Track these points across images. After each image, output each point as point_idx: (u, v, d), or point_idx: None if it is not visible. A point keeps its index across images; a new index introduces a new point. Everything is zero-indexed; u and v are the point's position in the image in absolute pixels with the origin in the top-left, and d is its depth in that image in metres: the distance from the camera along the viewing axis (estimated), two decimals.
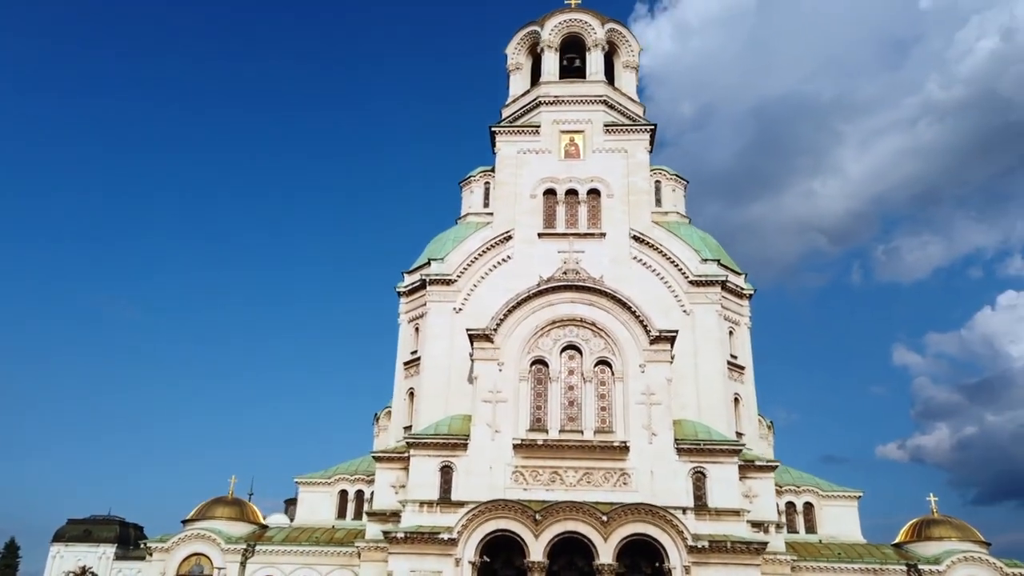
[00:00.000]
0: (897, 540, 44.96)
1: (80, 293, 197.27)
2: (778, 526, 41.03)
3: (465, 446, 41.19)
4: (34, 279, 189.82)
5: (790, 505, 47.86)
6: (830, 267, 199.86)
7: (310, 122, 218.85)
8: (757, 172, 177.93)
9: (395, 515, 42.89)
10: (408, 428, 47.66)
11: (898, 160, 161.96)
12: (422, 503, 40.10)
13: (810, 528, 47.44)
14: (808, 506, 48.03)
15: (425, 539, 38.51)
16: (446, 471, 41.13)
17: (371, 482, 51.68)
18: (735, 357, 47.20)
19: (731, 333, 47.74)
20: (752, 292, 49.93)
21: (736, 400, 46.30)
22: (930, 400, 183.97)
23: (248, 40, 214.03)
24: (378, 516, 43.55)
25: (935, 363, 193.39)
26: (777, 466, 42.60)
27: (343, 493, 51.88)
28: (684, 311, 46.58)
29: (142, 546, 44.96)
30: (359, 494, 51.82)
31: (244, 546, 44.45)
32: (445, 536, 38.26)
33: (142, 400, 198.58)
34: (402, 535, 38.73)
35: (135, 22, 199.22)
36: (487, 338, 43.12)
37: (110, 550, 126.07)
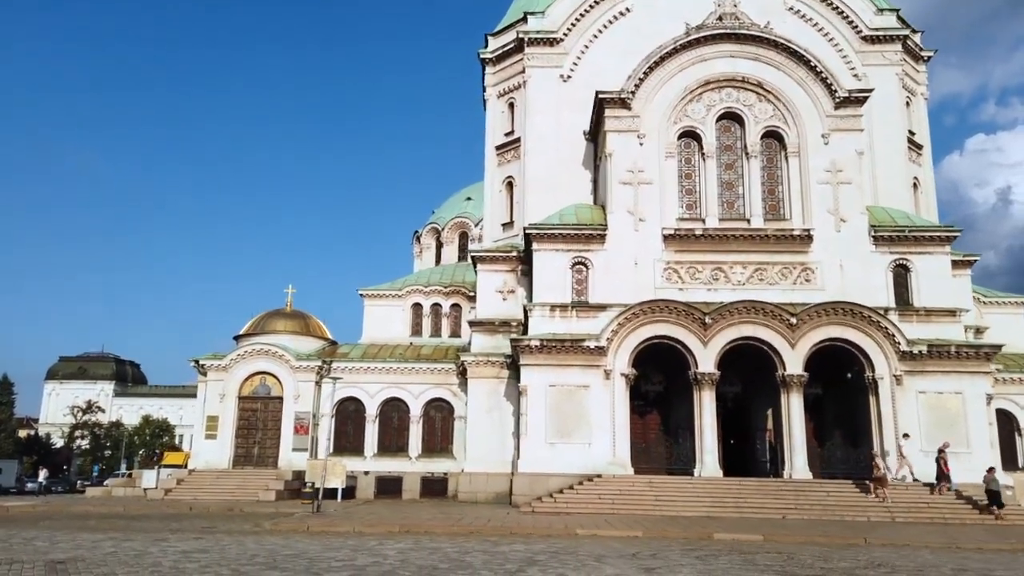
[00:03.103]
0: None
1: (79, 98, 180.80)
2: (977, 330, 34.14)
3: (602, 238, 32.77)
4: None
5: None
6: None
7: None
8: None
9: (505, 324, 35.49)
10: (508, 225, 39.07)
11: None
12: (553, 307, 32.16)
13: None
14: None
15: (567, 348, 30.91)
16: (579, 269, 32.92)
17: (449, 294, 44.13)
18: (912, 133, 38.37)
19: (907, 104, 38.61)
20: (931, 54, 40.32)
21: (914, 186, 37.97)
22: None
23: None
24: (484, 326, 35.82)
25: None
26: (976, 260, 35.10)
27: (416, 308, 44.05)
28: (855, 75, 37.08)
29: (201, 366, 36.92)
30: (435, 308, 44.06)
31: (319, 363, 36.69)
32: (591, 344, 30.67)
33: (127, 234, 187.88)
34: (537, 344, 31.02)
35: None
36: (623, 103, 33.63)
37: (108, 387, 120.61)
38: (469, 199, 57.95)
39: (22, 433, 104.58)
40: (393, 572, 11.83)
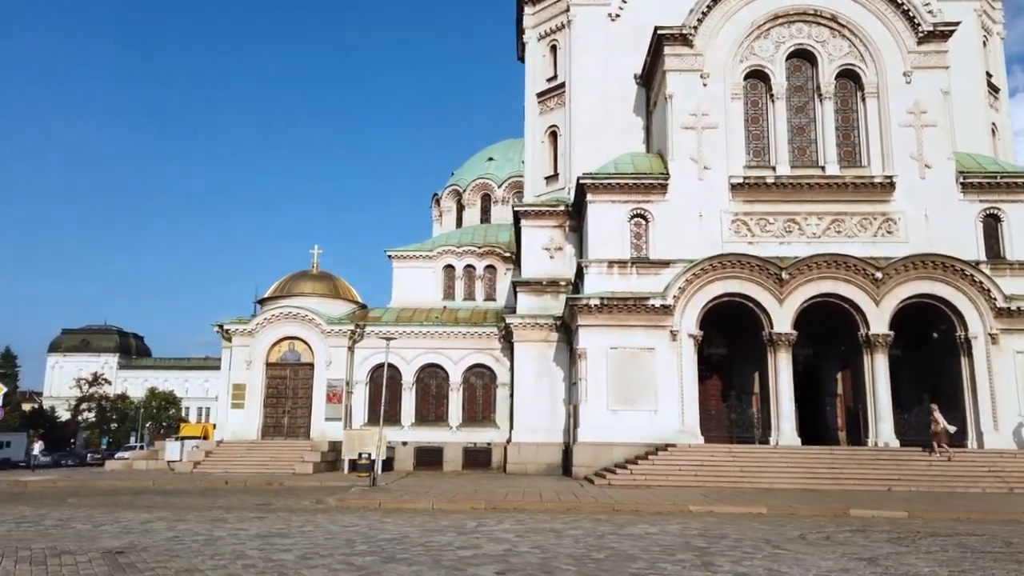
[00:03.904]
0: None
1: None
2: None
3: (663, 188, 30.07)
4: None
5: None
6: None
7: None
8: None
9: (552, 284, 33.18)
10: (552, 178, 36.27)
11: None
12: (611, 263, 29.52)
13: None
14: None
15: (629, 307, 28.34)
16: (637, 223, 30.25)
17: (483, 255, 41.59)
18: (989, 75, 35.50)
19: (983, 44, 35.71)
20: None
21: (991, 132, 35.20)
22: None
23: None
24: (531, 287, 33.34)
25: None
26: None
27: (448, 269, 41.45)
28: (929, 11, 34.06)
29: (225, 331, 34.33)
30: (468, 270, 41.49)
31: (351, 327, 34.14)
32: (657, 302, 28.08)
33: (128, 205, 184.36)
34: (596, 303, 28.42)
35: None
36: (684, 40, 30.76)
37: (112, 359, 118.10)
38: (491, 159, 55.05)
39: (26, 407, 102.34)
40: (546, 563, 9.36)
